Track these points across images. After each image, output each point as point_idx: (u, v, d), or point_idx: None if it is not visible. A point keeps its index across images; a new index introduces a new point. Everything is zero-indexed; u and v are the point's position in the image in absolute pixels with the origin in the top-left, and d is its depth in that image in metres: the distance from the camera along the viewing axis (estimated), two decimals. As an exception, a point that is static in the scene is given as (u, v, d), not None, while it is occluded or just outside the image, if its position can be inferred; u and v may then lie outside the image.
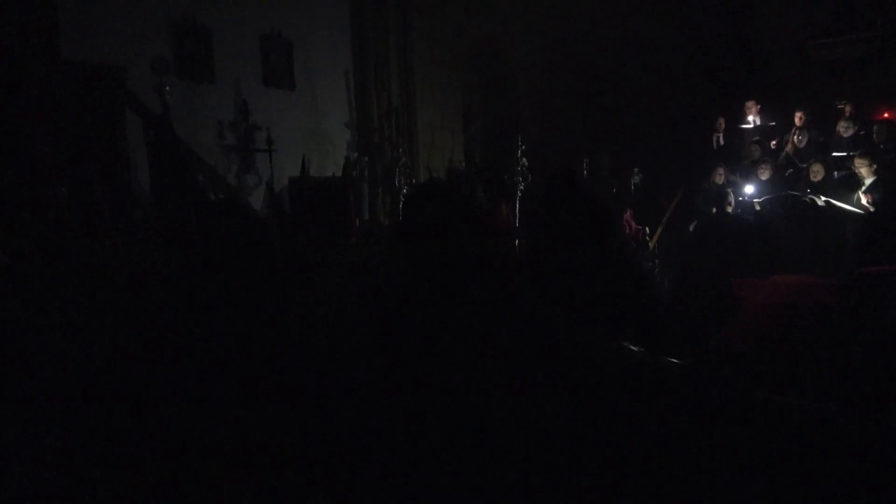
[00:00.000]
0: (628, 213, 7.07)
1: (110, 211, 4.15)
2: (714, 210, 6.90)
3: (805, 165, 6.82)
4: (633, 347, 1.74)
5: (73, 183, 3.98)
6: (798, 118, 7.29)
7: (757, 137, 7.54)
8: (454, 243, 1.94)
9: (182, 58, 5.47)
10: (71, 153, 4.14)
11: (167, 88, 4.40)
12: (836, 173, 6.59)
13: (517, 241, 5.47)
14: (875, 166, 5.97)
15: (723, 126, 8.00)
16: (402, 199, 5.38)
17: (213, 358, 1.97)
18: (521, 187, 5.72)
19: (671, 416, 1.56)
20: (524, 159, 5.74)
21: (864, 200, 5.93)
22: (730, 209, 6.81)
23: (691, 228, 7.17)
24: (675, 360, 1.71)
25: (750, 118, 7.88)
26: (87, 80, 4.75)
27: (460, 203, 2.03)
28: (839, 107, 7.40)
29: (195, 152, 5.26)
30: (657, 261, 6.63)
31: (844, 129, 6.94)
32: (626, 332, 1.95)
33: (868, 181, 5.97)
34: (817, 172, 6.42)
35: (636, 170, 6.96)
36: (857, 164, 6.08)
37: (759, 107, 7.86)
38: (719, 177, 7.09)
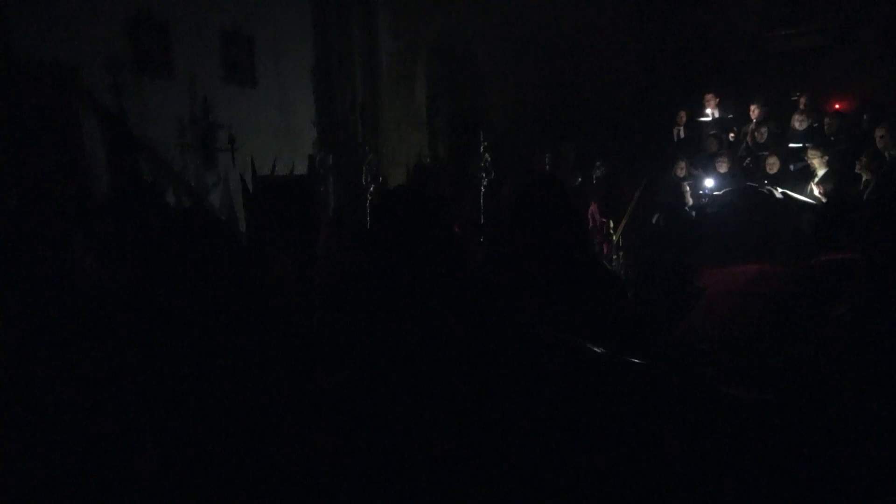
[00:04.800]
0: (593, 206, 7.15)
1: (68, 215, 4.07)
2: (674, 202, 7.06)
3: (763, 154, 6.99)
4: (596, 348, 1.77)
5: (26, 189, 3.88)
6: (753, 112, 7.45)
7: (714, 131, 7.69)
8: (422, 250, 1.96)
9: (139, 54, 5.34)
10: (23, 157, 4.04)
11: (122, 88, 4.31)
12: (791, 166, 6.76)
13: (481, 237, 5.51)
14: (827, 158, 6.14)
15: (684, 119, 8.12)
16: (370, 207, 5.30)
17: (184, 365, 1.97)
18: (485, 182, 5.75)
19: (635, 418, 1.59)
20: (487, 154, 5.77)
21: (816, 191, 6.12)
22: (690, 200, 6.96)
23: (654, 221, 7.30)
24: (637, 361, 1.75)
25: (708, 111, 8.03)
26: (41, 80, 4.61)
27: (427, 210, 2.05)
28: (793, 99, 7.58)
29: (153, 151, 5.16)
30: (621, 253, 6.74)
31: (799, 121, 7.12)
32: (594, 333, 1.99)
33: (820, 172, 6.15)
34: (773, 164, 6.59)
35: (598, 163, 7.05)
36: (809, 156, 6.26)
37: (717, 99, 8.00)
38: (681, 170, 7.22)
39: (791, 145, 7.08)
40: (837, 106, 7.69)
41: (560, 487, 1.50)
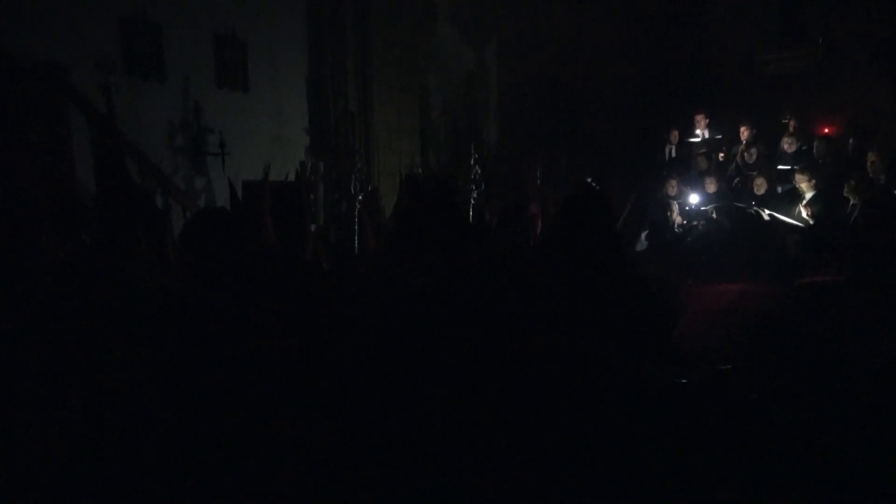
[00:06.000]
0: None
1: (50, 214, 4.03)
2: (663, 219, 7.10)
3: (752, 174, 7.05)
4: (642, 362, 1.76)
5: (12, 186, 3.85)
6: (743, 133, 7.52)
7: (704, 149, 7.75)
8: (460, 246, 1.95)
9: (130, 55, 5.31)
10: (9, 154, 4.01)
11: (113, 88, 4.29)
12: (779, 188, 6.82)
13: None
14: (815, 181, 6.20)
15: (676, 138, 8.18)
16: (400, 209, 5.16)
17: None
18: (475, 195, 5.75)
19: (678, 431, 1.58)
20: (477, 167, 5.78)
21: (804, 214, 6.17)
22: (678, 219, 7.00)
23: (643, 237, 7.33)
24: (681, 378, 1.74)
25: (698, 131, 8.09)
26: (29, 78, 4.58)
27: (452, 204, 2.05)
28: (784, 122, 7.66)
29: (143, 153, 5.13)
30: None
31: (788, 144, 7.19)
32: (635, 347, 1.98)
33: (808, 195, 6.20)
34: (760, 186, 6.64)
35: (589, 180, 7.08)
36: (797, 180, 6.31)
37: (707, 119, 8.07)
38: (672, 188, 7.26)
39: (780, 167, 7.14)
40: (826, 130, 7.77)
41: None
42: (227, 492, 1.72)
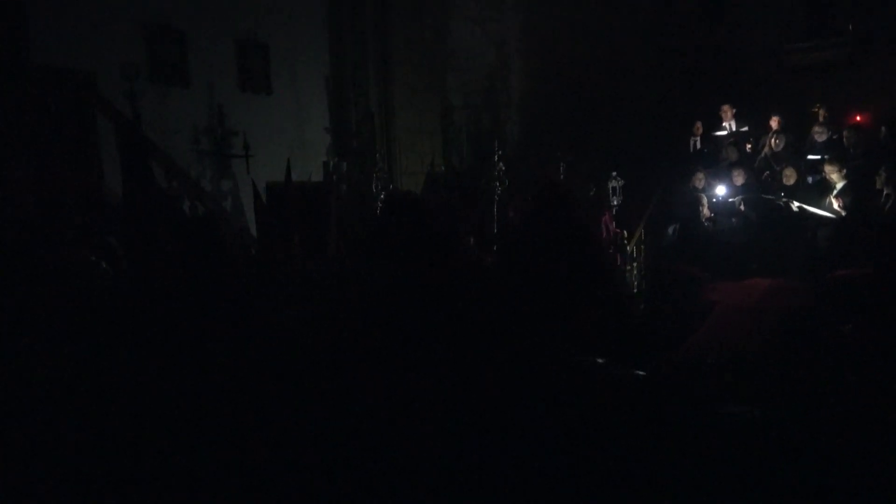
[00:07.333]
0: (606, 215, 7.10)
1: (80, 218, 4.12)
2: (690, 214, 7.00)
3: (779, 168, 6.90)
4: (595, 359, 1.76)
5: (42, 190, 3.95)
6: (775, 122, 7.37)
7: (732, 139, 7.62)
8: (418, 255, 1.97)
9: (155, 62, 5.42)
10: (40, 160, 4.11)
11: (139, 95, 4.38)
12: (809, 178, 6.67)
13: (495, 246, 5.49)
14: (845, 171, 6.04)
15: (700, 130, 8.06)
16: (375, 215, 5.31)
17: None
18: (499, 192, 5.74)
19: (628, 427, 1.58)
20: (501, 164, 5.77)
21: (835, 205, 6.01)
22: (708, 213, 6.89)
23: (670, 232, 7.23)
24: (634, 372, 1.74)
25: (725, 122, 7.96)
26: (58, 85, 4.70)
27: (420, 216, 2.07)
28: (813, 111, 7.48)
29: (169, 157, 5.23)
30: (635, 263, 6.68)
31: (819, 133, 7.02)
32: (594, 344, 1.98)
33: (839, 185, 6.05)
34: (790, 176, 6.50)
35: (615, 174, 7.00)
36: (827, 170, 6.15)
37: (734, 110, 7.92)
38: (699, 181, 7.15)
39: (810, 157, 6.98)
40: (858, 118, 7.58)
41: (549, 494, 1.49)
42: (225, 491, 1.74)
